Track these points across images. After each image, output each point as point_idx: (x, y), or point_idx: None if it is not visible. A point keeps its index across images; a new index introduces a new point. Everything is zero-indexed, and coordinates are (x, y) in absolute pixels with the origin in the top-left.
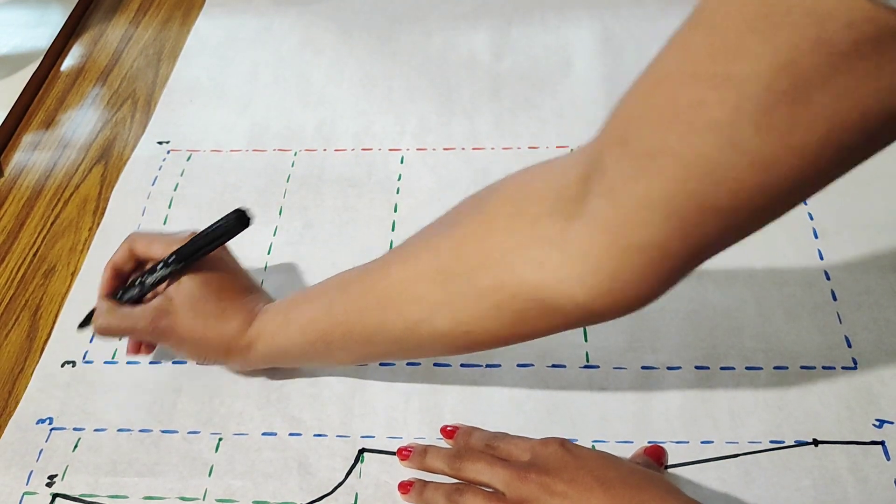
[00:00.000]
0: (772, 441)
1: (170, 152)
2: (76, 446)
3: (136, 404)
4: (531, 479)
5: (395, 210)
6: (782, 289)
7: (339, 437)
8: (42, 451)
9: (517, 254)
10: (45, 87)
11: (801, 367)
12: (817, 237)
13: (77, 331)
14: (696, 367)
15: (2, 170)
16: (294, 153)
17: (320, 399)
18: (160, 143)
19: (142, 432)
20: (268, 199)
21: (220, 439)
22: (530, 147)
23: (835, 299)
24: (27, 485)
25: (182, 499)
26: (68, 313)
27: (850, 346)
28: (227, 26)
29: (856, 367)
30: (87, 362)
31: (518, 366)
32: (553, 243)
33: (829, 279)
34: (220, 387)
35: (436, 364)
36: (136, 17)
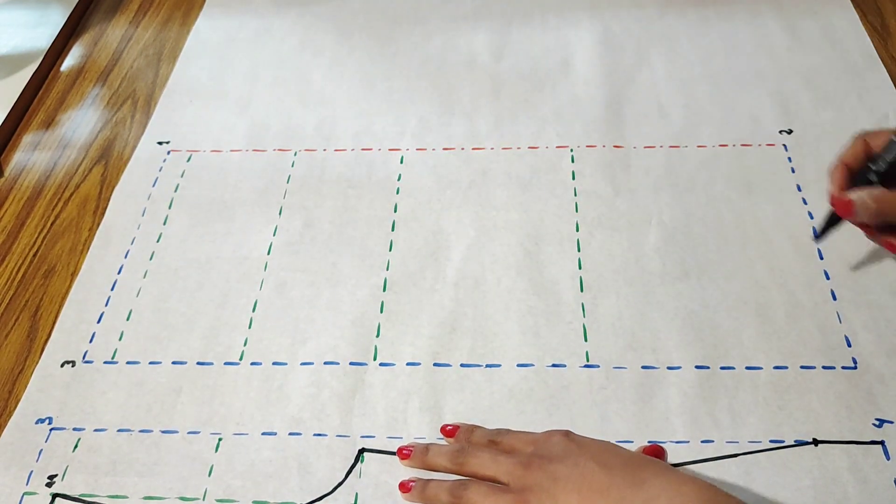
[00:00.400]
0: (772, 441)
1: (170, 153)
2: (76, 446)
3: (136, 404)
4: (535, 468)
5: (395, 210)
6: (782, 289)
7: (339, 437)
8: (42, 451)
9: None
10: (45, 87)
11: (801, 367)
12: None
13: (815, 241)
14: (696, 367)
15: (2, 170)
16: (294, 153)
17: (320, 399)
18: (160, 143)
19: (142, 432)
20: (268, 199)
21: (220, 439)
22: (530, 147)
23: (835, 299)
24: (27, 485)
25: (182, 499)
26: (68, 313)
27: (850, 346)
28: (227, 27)
29: (856, 367)
30: (87, 362)
31: (518, 366)
32: None
33: (828, 279)
34: (220, 387)
35: (436, 364)
36: (136, 17)
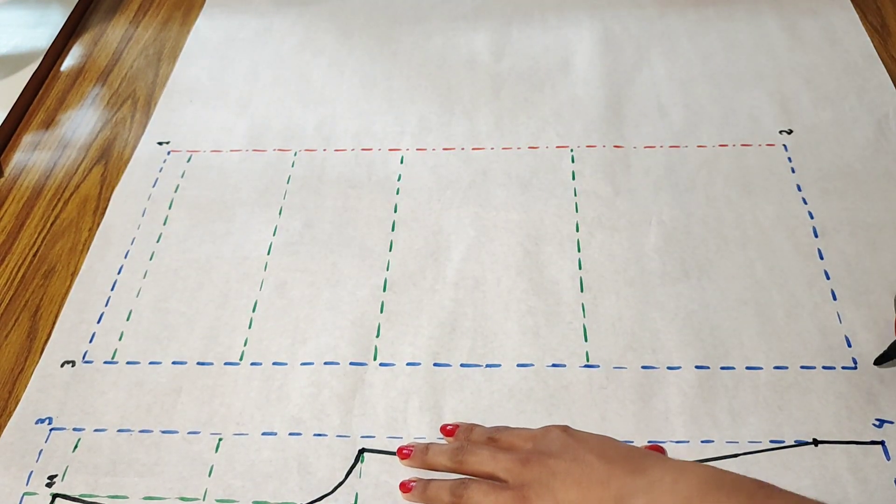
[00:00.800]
0: (772, 441)
1: (170, 153)
2: (76, 446)
3: (136, 404)
4: (533, 463)
5: (395, 210)
6: (782, 289)
7: (339, 437)
8: (42, 451)
9: None
10: (45, 87)
11: (801, 367)
12: (817, 237)
13: (875, 363)
14: (696, 367)
15: (2, 170)
16: (294, 153)
17: (320, 399)
18: (160, 143)
19: (142, 432)
20: (268, 199)
21: (220, 439)
22: (530, 147)
23: (835, 299)
24: (27, 485)
25: (182, 499)
26: (68, 313)
27: (850, 346)
28: (227, 26)
29: (856, 367)
30: (87, 362)
31: (518, 366)
32: None
33: (829, 279)
34: (220, 387)
35: (436, 364)
36: (136, 17)
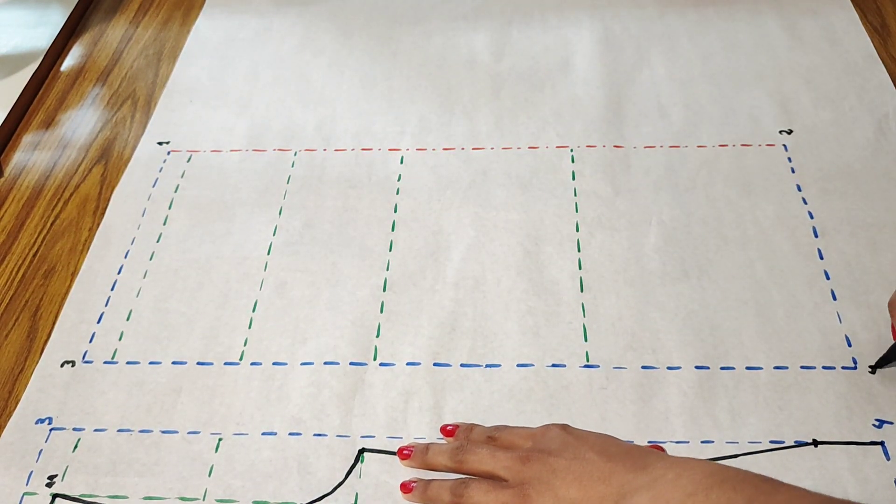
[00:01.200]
0: (772, 441)
1: (170, 153)
2: (76, 446)
3: (136, 404)
4: (533, 461)
5: (395, 210)
6: (782, 289)
7: (339, 437)
8: (42, 451)
9: None
10: (45, 87)
11: (801, 367)
12: (817, 237)
13: (871, 370)
14: (696, 367)
15: (2, 170)
16: (294, 153)
17: (320, 399)
18: (160, 143)
19: (142, 432)
20: (268, 199)
21: (220, 439)
22: (530, 147)
23: (835, 299)
24: (27, 485)
25: (182, 499)
26: (68, 313)
27: (850, 345)
28: (227, 26)
29: (856, 367)
30: (87, 362)
31: (518, 366)
32: None
33: (828, 279)
34: (220, 387)
35: (436, 364)
36: (136, 17)
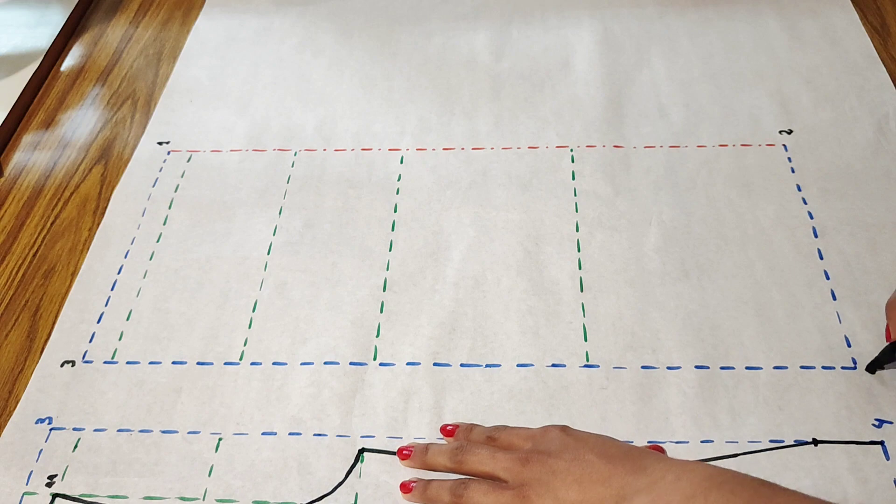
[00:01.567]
0: (772, 441)
1: (170, 153)
2: (76, 446)
3: (136, 404)
4: (533, 463)
5: (395, 210)
6: (782, 289)
7: (339, 437)
8: (42, 451)
9: None
10: (45, 87)
11: (801, 367)
12: (817, 237)
13: (867, 370)
14: (696, 367)
15: (2, 170)
16: (294, 153)
17: (320, 399)
18: (160, 143)
19: (142, 432)
20: (268, 199)
21: (220, 439)
22: (530, 147)
23: (835, 299)
24: (27, 485)
25: (182, 499)
26: (68, 313)
27: (849, 346)
28: (227, 26)
29: (856, 367)
30: (87, 362)
31: (518, 366)
32: None
33: (828, 279)
34: (220, 387)
35: (436, 364)
36: (136, 17)
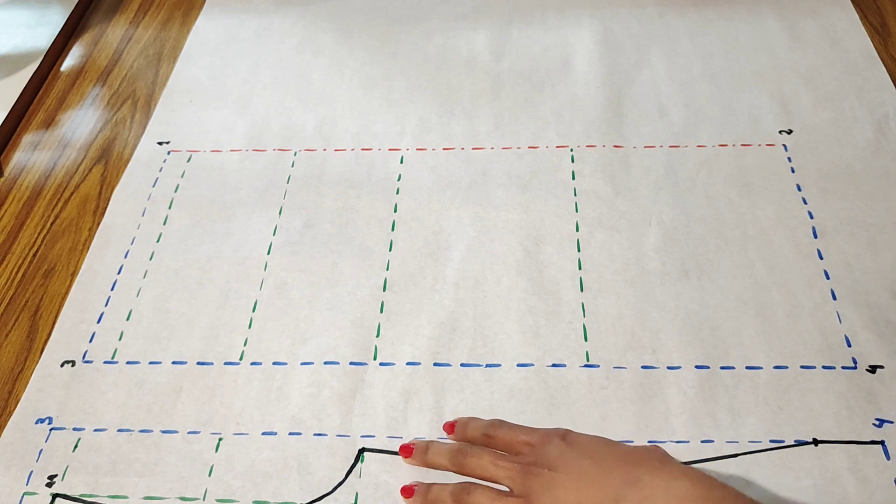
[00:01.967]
0: (772, 441)
1: (170, 153)
2: (76, 446)
3: (136, 404)
4: (535, 475)
5: (395, 210)
6: (782, 289)
7: (339, 436)
8: (42, 451)
9: None
10: (45, 87)
11: (801, 367)
12: (817, 237)
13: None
14: (696, 367)
15: (2, 170)
16: (294, 153)
17: (320, 399)
18: (160, 143)
19: (142, 432)
20: (268, 199)
21: (220, 439)
22: (530, 147)
23: (835, 299)
24: (27, 485)
25: (182, 499)
26: (68, 313)
27: (849, 346)
28: (227, 26)
29: (856, 367)
30: (87, 362)
31: (518, 366)
32: None
33: (828, 279)
34: (220, 387)
35: (436, 364)
36: (136, 17)
